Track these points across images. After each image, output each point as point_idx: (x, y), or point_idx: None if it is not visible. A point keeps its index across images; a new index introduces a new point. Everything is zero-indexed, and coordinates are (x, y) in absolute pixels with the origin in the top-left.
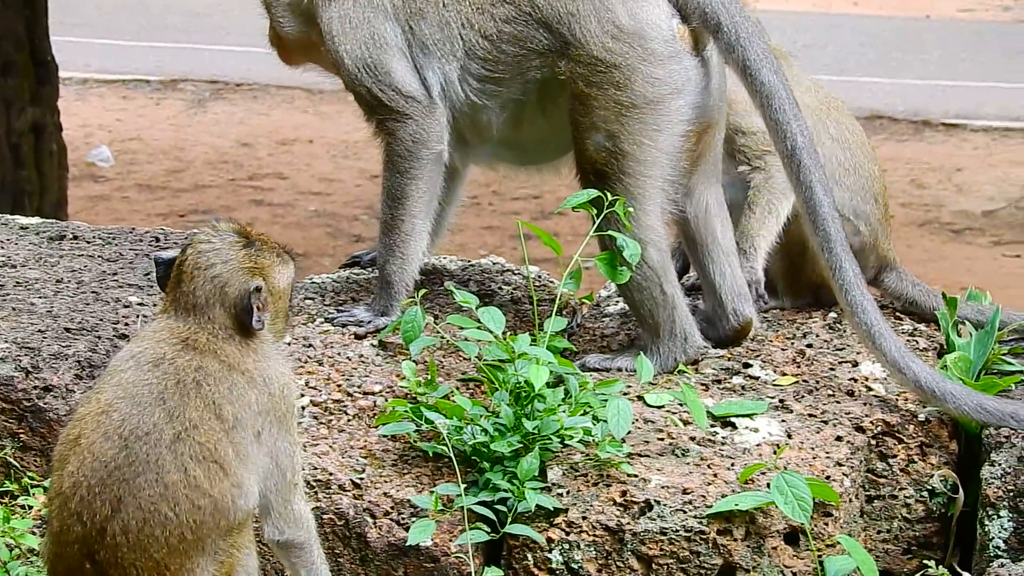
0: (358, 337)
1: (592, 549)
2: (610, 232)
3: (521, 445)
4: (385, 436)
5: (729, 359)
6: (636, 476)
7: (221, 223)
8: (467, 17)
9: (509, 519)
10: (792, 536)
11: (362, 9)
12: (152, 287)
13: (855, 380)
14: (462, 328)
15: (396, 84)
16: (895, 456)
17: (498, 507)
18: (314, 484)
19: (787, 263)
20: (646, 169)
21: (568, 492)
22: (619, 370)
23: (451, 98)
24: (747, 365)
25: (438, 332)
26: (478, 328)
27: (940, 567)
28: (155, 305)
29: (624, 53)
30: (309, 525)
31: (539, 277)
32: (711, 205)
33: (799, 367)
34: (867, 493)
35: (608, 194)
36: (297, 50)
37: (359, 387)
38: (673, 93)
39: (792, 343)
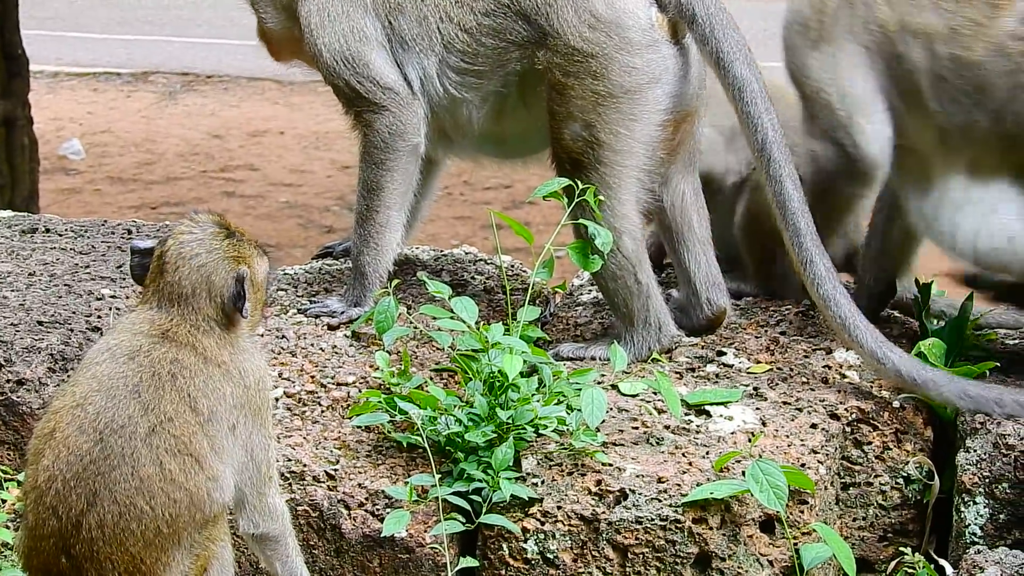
0: (331, 328)
1: (567, 539)
2: (582, 220)
3: (495, 435)
4: (359, 427)
5: (703, 347)
6: (611, 465)
7: (200, 215)
8: (445, 11)
9: (484, 509)
10: (768, 524)
11: (341, 3)
12: (125, 279)
13: (829, 367)
14: (435, 318)
15: (374, 76)
16: (870, 443)
17: (473, 497)
18: (288, 476)
19: (759, 249)
20: (622, 159)
21: (543, 482)
22: (593, 359)
23: (430, 92)
24: (721, 353)
25: (411, 322)
26: (451, 318)
27: (916, 554)
28: (128, 298)
29: (601, 42)
30: (284, 518)
31: (512, 267)
32: (687, 194)
33: (773, 355)
34: (842, 480)
35: (582, 183)
36: (283, 46)
37: (332, 378)
38: (650, 82)
39: (766, 331)
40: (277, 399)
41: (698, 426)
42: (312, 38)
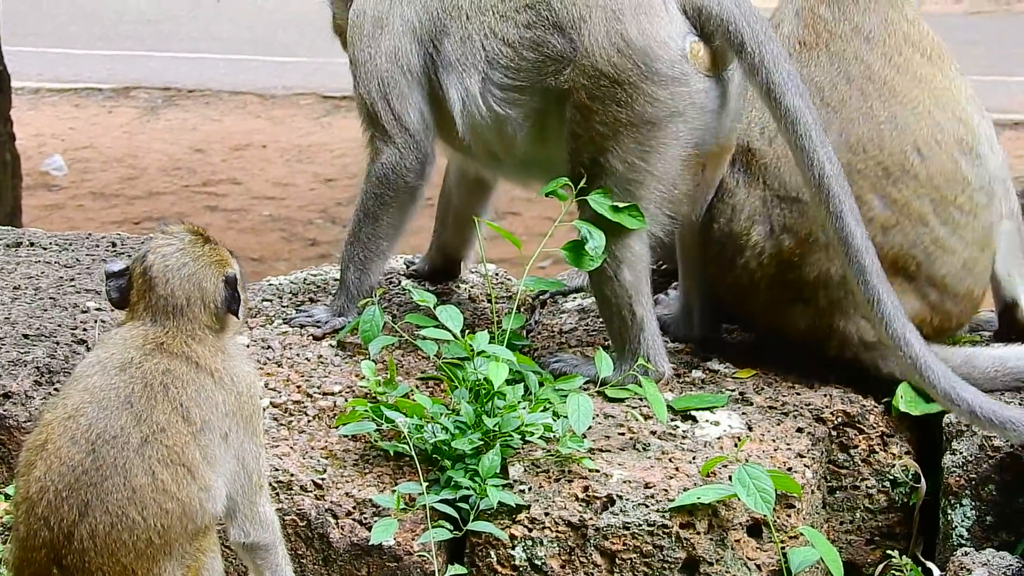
0: (316, 338)
1: (555, 545)
2: (575, 222)
3: (482, 442)
4: (346, 436)
5: (688, 353)
6: (598, 471)
7: (171, 226)
8: (490, 27)
9: (471, 517)
10: (755, 528)
11: (392, 18)
12: None
13: (815, 371)
14: (420, 327)
15: (398, 110)
16: (856, 447)
17: (460, 505)
18: (275, 485)
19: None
20: (634, 188)
21: (530, 488)
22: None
23: (472, 111)
24: (706, 359)
25: (396, 331)
26: (436, 327)
27: (904, 557)
28: (113, 311)
29: (628, 70)
30: (274, 527)
31: (496, 275)
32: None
33: (758, 360)
34: (829, 484)
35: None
36: None
37: (319, 388)
38: (672, 115)
39: (751, 336)
40: (264, 409)
41: (684, 431)
42: (353, 46)
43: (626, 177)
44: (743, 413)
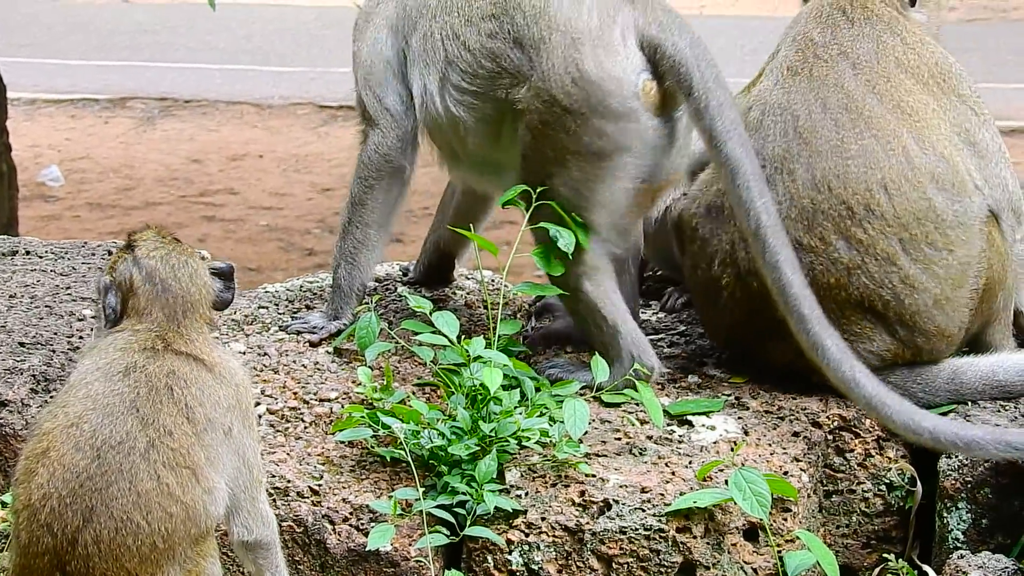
0: (313, 344)
1: (552, 550)
2: (542, 224)
3: (479, 448)
4: (342, 442)
5: (684, 358)
6: (594, 476)
7: (143, 232)
8: (454, 29)
9: (468, 522)
10: (751, 532)
11: (378, 14)
12: None
13: (811, 375)
14: (416, 333)
15: (379, 93)
16: (852, 450)
17: (457, 510)
18: (272, 492)
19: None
20: (580, 212)
21: (527, 493)
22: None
23: (429, 108)
24: (702, 364)
25: (393, 337)
26: (433, 332)
27: (900, 560)
28: None
29: (580, 101)
30: (274, 525)
31: (492, 281)
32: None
33: (754, 365)
34: (825, 488)
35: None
36: None
37: (315, 394)
38: (619, 150)
39: None
40: (260, 416)
41: (680, 436)
42: (353, 40)
43: (572, 202)
44: (739, 417)
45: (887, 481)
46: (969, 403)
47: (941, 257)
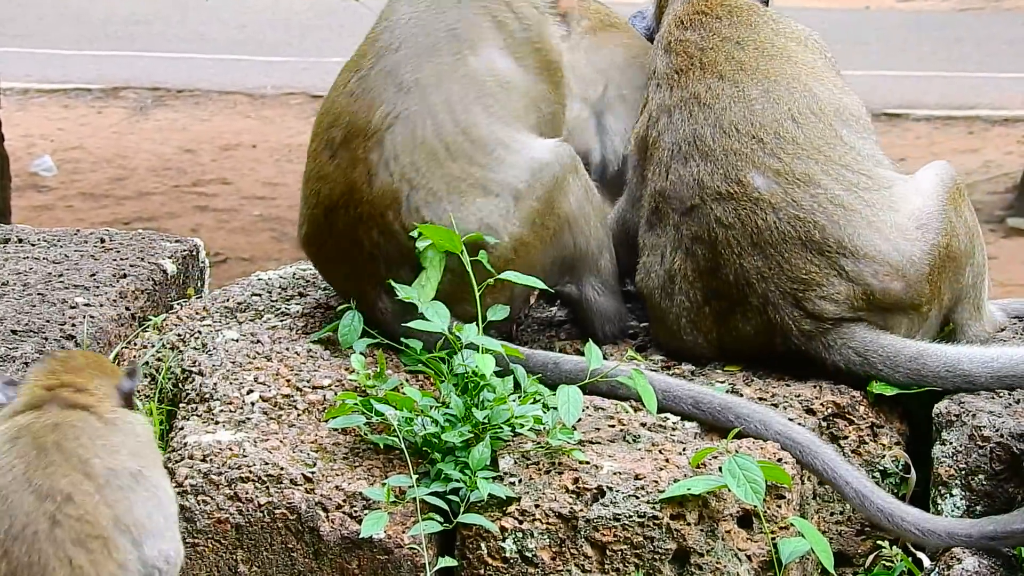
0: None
1: (546, 537)
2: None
3: (472, 435)
4: (335, 429)
5: None
6: (588, 463)
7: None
8: None
9: (462, 509)
10: (745, 519)
11: None
12: (99, 288)
13: (804, 362)
14: (407, 321)
15: None
16: (846, 437)
17: (450, 497)
18: (265, 479)
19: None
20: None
21: (520, 480)
22: None
23: None
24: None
25: (374, 335)
26: (423, 321)
27: (894, 547)
28: (102, 306)
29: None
30: (180, 560)
31: None
32: None
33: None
34: None
35: None
36: None
37: (308, 381)
38: None
39: None
40: (253, 403)
41: (674, 423)
42: None
43: None
44: None
45: (881, 468)
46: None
47: (861, 180)
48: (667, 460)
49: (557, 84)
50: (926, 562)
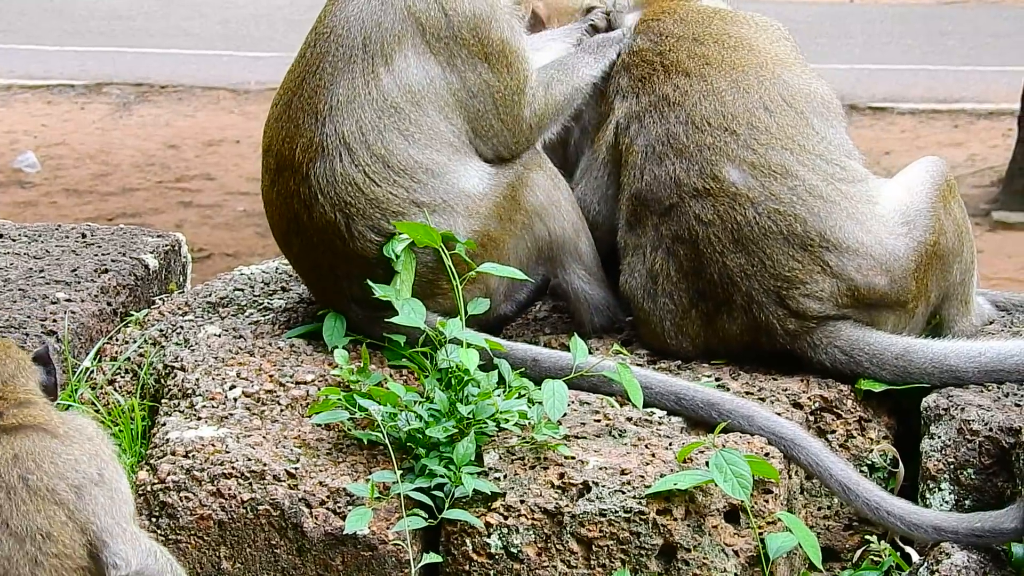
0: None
1: (531, 533)
2: None
3: (457, 430)
4: (319, 425)
5: None
6: (573, 458)
7: None
8: None
9: (446, 505)
10: (732, 514)
11: None
12: (80, 283)
13: (791, 356)
14: (388, 318)
15: None
16: (834, 432)
17: (435, 493)
18: (248, 475)
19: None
20: None
21: (505, 476)
22: None
23: None
24: None
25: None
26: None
27: (882, 542)
28: (83, 301)
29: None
30: (160, 555)
31: None
32: None
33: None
34: None
35: None
36: None
37: (291, 377)
38: None
39: None
40: (235, 399)
41: (660, 417)
42: None
43: None
44: None
45: (869, 462)
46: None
47: (837, 172)
48: (653, 455)
49: (509, 67)
50: (915, 557)
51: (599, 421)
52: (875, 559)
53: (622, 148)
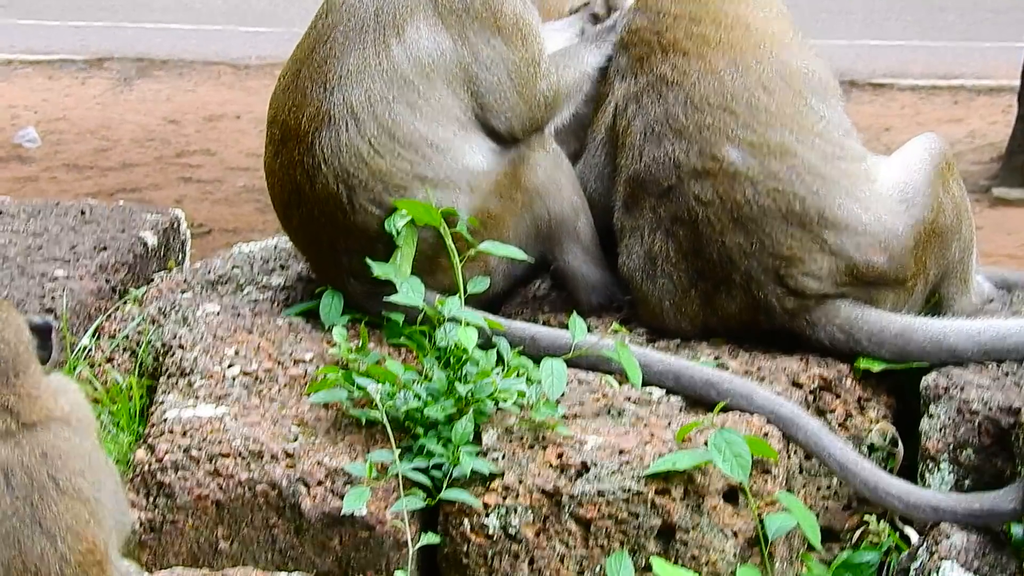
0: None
1: (529, 513)
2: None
3: (455, 409)
4: (317, 404)
5: None
6: (572, 438)
7: None
8: None
9: (444, 485)
10: (731, 494)
11: None
12: (79, 260)
13: (790, 335)
14: (386, 296)
15: None
16: (833, 411)
17: (433, 473)
18: (246, 455)
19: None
20: None
21: (504, 456)
22: None
23: None
24: None
25: (354, 314)
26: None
27: (881, 522)
28: (81, 279)
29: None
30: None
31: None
32: None
33: None
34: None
35: None
36: None
37: (290, 355)
38: None
39: None
40: (234, 378)
41: (659, 397)
42: None
43: None
44: None
45: (868, 442)
46: None
47: (836, 151)
48: (652, 435)
49: (524, 39)
50: (914, 537)
51: (598, 400)
52: (874, 539)
53: (619, 129)
